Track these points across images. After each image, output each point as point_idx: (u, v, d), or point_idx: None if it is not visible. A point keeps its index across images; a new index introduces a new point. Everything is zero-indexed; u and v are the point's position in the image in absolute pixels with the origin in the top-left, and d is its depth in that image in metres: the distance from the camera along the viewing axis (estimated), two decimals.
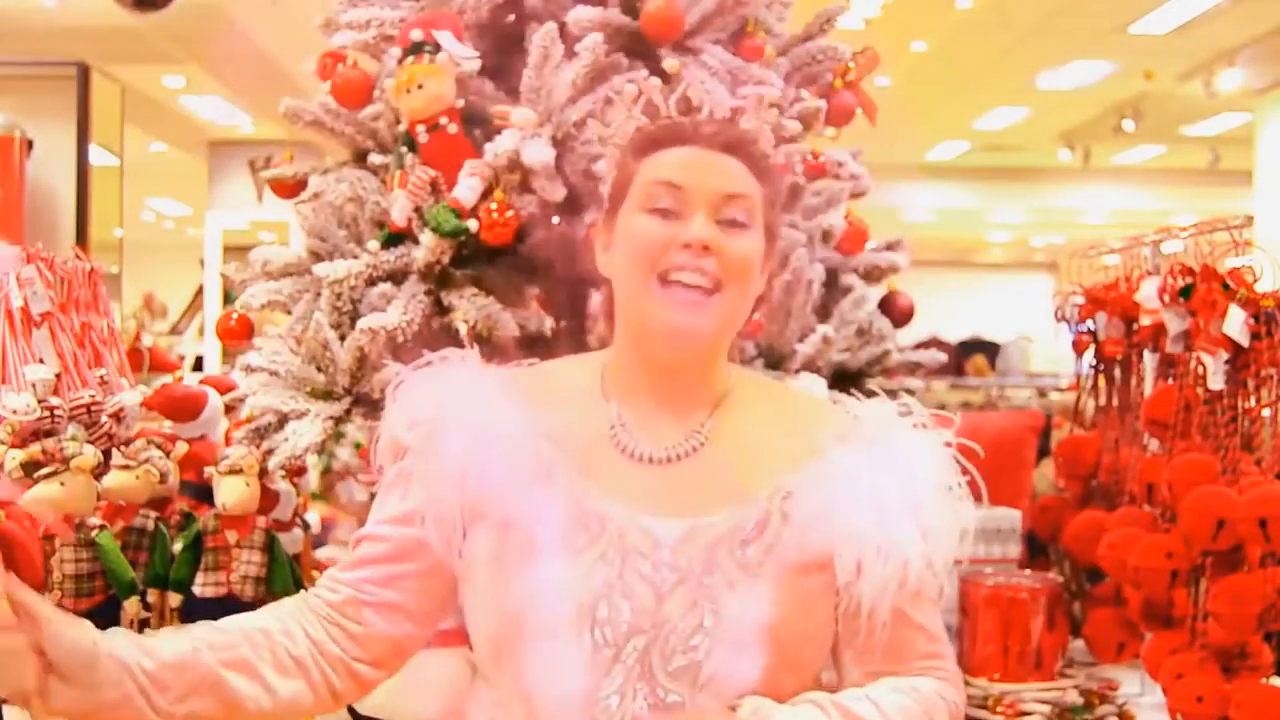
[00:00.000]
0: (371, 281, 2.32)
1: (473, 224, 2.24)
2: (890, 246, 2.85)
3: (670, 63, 1.42)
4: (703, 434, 1.41)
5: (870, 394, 1.48)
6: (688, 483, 1.38)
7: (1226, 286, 2.33)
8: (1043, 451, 3.70)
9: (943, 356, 3.17)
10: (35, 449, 2.47)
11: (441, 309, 2.32)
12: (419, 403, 1.43)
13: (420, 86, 2.22)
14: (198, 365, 8.45)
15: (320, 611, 1.45)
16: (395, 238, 2.33)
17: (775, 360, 2.51)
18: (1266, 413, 2.33)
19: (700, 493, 1.37)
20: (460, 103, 2.28)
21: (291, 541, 2.62)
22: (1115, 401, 2.99)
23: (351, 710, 2.08)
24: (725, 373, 1.47)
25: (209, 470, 2.49)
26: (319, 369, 2.32)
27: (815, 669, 1.40)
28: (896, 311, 2.78)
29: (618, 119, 1.49)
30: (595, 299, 2.36)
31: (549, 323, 2.36)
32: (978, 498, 1.45)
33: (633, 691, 1.30)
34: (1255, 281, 2.33)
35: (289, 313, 2.52)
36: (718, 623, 1.30)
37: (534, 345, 2.44)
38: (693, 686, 1.30)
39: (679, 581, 1.32)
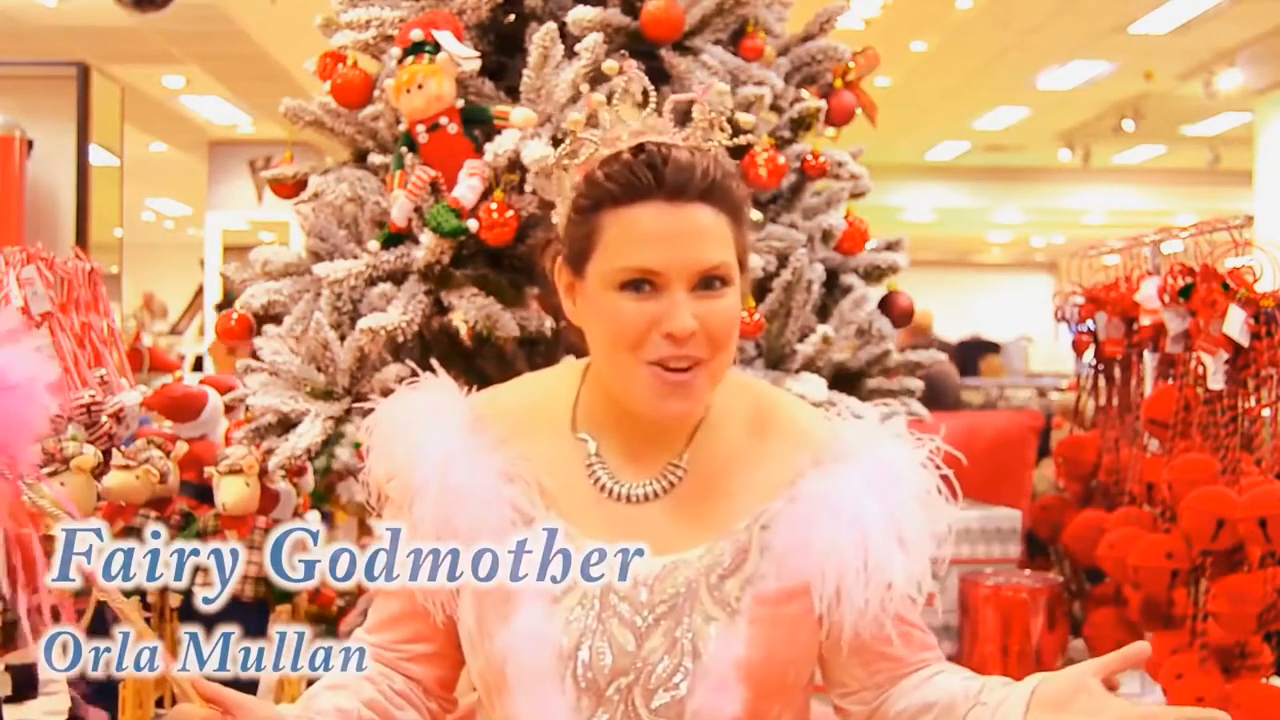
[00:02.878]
0: (371, 281, 2.32)
1: (473, 224, 2.23)
2: (890, 246, 2.84)
3: (609, 64, 1.38)
4: (681, 466, 1.40)
5: (869, 395, 1.47)
6: (666, 519, 1.38)
7: (1226, 286, 2.33)
8: (1043, 451, 3.70)
9: (943, 356, 3.17)
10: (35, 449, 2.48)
11: (441, 309, 2.32)
12: (393, 449, 1.42)
13: (420, 86, 2.22)
14: (198, 365, 8.46)
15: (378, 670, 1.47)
16: (395, 238, 2.33)
17: (775, 360, 2.50)
18: (1266, 413, 2.33)
19: (678, 529, 1.37)
20: (460, 103, 2.28)
21: None
22: (1115, 401, 2.99)
23: None
24: None
25: (209, 470, 2.49)
26: (319, 369, 2.32)
27: (800, 686, 1.41)
28: (896, 311, 2.77)
29: (572, 138, 1.40)
30: None
31: (549, 323, 2.36)
32: (967, 493, 1.44)
33: None
34: (1255, 281, 2.33)
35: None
36: (698, 661, 1.31)
37: (534, 345, 2.44)
38: None
39: (657, 621, 1.33)
